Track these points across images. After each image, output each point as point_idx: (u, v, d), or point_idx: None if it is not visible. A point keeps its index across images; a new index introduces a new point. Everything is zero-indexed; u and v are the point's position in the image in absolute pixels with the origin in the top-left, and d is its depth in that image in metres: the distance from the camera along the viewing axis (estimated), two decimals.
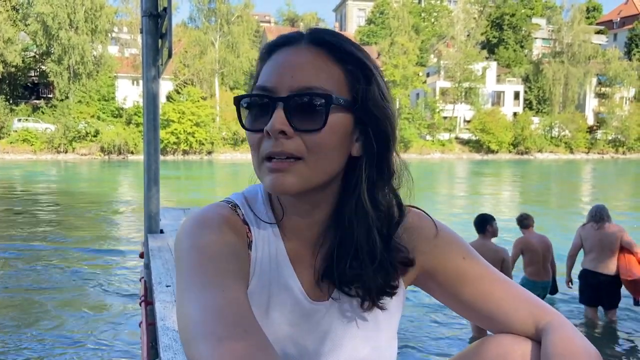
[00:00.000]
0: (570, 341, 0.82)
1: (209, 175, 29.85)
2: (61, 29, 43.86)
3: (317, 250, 0.86)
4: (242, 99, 0.80)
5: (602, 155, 55.49)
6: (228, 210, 0.85)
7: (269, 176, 0.77)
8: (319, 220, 0.85)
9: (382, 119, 0.81)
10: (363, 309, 0.86)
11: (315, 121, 0.76)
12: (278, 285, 0.85)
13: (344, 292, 0.85)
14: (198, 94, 45.35)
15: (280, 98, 0.76)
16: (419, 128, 52.20)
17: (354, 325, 0.87)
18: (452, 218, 13.74)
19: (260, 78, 0.80)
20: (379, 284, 0.84)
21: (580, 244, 5.72)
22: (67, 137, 41.66)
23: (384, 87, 0.83)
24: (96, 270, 8.11)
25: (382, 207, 0.83)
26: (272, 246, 0.85)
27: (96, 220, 13.35)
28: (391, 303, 0.89)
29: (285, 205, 0.85)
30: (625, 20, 70.52)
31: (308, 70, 0.78)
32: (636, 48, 63.93)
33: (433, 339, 5.39)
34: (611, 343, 5.40)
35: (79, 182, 24.91)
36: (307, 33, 0.82)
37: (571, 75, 57.67)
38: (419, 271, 0.91)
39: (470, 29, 59.93)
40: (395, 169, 0.84)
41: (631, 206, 16.69)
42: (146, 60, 2.68)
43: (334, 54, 0.79)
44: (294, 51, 0.80)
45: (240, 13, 51.31)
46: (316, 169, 0.78)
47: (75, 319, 5.93)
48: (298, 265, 0.86)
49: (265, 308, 0.84)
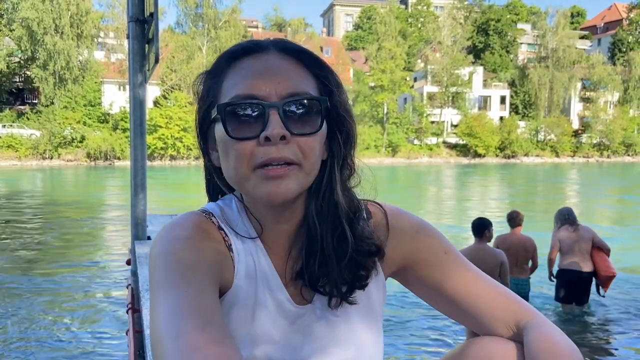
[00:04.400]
0: (552, 339, 0.82)
1: (196, 181, 29.62)
2: (46, 34, 43.49)
3: (291, 254, 0.87)
4: (228, 107, 0.77)
5: (587, 158, 56.17)
6: (201, 217, 0.85)
7: (265, 185, 0.76)
8: (293, 224, 0.85)
9: (350, 121, 0.84)
10: (331, 306, 0.85)
11: (312, 124, 0.78)
12: (263, 289, 0.85)
13: (319, 292, 0.85)
14: (185, 99, 45.16)
15: (275, 104, 0.76)
16: (406, 132, 52.45)
17: (337, 326, 0.87)
18: (441, 221, 13.80)
19: (237, 85, 0.79)
20: (347, 279, 0.84)
21: (559, 246, 5.97)
22: (52, 143, 41.24)
23: (345, 91, 0.86)
24: (82, 277, 8.02)
25: (344, 205, 0.84)
26: (253, 254, 0.85)
27: (82, 227, 13.20)
28: (371, 298, 0.89)
29: (265, 214, 0.84)
30: (608, 26, 71.61)
31: (292, 76, 0.78)
32: (620, 53, 64.92)
33: (424, 335, 5.40)
34: (587, 335, 5.69)
35: (65, 189, 24.64)
36: (273, 41, 0.83)
37: (556, 79, 58.40)
38: (400, 264, 0.91)
39: (456, 34, 60.46)
40: (354, 167, 0.87)
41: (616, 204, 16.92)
42: (132, 65, 2.66)
43: (304, 61, 0.81)
44: (265, 58, 0.80)
45: (228, 18, 51.27)
46: (309, 173, 0.79)
47: (60, 326, 5.86)
48: (280, 270, 0.86)
49: (251, 311, 0.84)
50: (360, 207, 0.88)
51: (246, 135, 0.77)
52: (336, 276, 0.83)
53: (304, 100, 0.78)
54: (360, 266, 0.85)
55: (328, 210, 0.83)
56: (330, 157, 0.84)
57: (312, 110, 0.78)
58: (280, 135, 0.75)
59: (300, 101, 0.77)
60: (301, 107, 0.77)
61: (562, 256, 6.00)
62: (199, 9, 50.90)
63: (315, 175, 0.82)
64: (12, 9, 45.37)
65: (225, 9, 51.96)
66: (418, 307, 6.05)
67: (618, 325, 5.89)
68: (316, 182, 0.83)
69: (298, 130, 0.77)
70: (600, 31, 72.99)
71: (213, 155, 0.85)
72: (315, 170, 0.81)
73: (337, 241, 0.84)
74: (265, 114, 0.76)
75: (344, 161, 0.85)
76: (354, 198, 0.87)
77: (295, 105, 0.77)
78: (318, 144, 0.80)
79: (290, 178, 0.77)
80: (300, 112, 0.77)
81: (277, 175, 0.76)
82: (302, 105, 0.77)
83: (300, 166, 0.77)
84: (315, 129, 0.78)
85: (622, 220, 14.88)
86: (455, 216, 15.67)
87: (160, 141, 42.60)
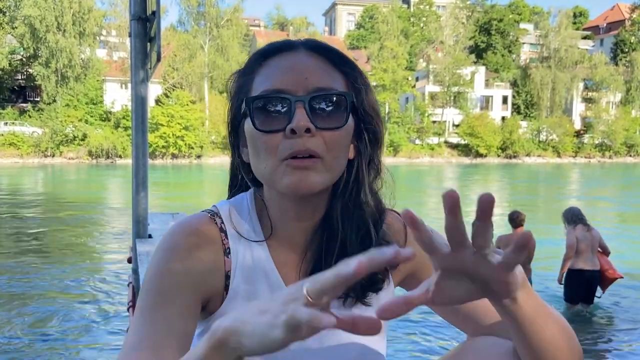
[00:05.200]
0: (541, 307, 0.75)
1: (198, 179, 29.71)
2: (49, 31, 43.53)
3: (306, 253, 0.87)
4: (255, 100, 0.80)
5: (589, 159, 56.09)
6: (203, 220, 0.86)
7: (292, 176, 0.78)
8: (313, 223, 0.86)
9: (377, 120, 0.86)
10: (346, 306, 0.85)
11: (337, 119, 0.80)
12: (263, 288, 0.85)
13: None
14: (187, 97, 45.21)
15: (301, 97, 0.78)
16: (408, 132, 52.42)
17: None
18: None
19: (266, 81, 0.81)
20: (363, 280, 0.83)
21: (576, 246, 5.97)
22: (54, 140, 41.30)
23: (373, 91, 0.88)
24: (83, 275, 8.03)
25: (369, 206, 0.85)
26: (255, 251, 0.86)
27: (83, 225, 13.21)
28: (381, 301, 0.88)
29: (287, 210, 0.85)
30: (611, 26, 71.47)
31: (320, 73, 0.81)
32: (622, 53, 64.79)
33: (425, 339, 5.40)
34: (595, 331, 5.77)
35: (66, 186, 24.68)
36: (303, 41, 0.86)
37: (558, 80, 58.31)
38: (407, 272, 0.92)
39: (458, 34, 60.40)
40: (380, 169, 0.88)
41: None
42: (134, 63, 2.66)
43: (333, 59, 0.84)
44: (295, 56, 0.82)
45: (230, 17, 51.25)
46: (332, 167, 0.80)
47: (62, 323, 5.86)
48: (284, 268, 0.87)
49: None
50: (385, 209, 0.89)
51: (273, 128, 0.79)
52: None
53: (330, 95, 0.79)
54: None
55: (354, 209, 0.84)
56: (358, 156, 0.85)
57: (338, 106, 0.80)
58: (305, 127, 0.76)
59: (326, 96, 0.79)
60: (327, 102, 0.79)
61: (577, 256, 5.98)
62: (201, 8, 50.92)
63: (340, 172, 0.83)
64: (15, 6, 45.46)
65: (227, 7, 52.04)
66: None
67: (625, 322, 5.97)
68: (343, 181, 0.84)
69: (323, 124, 0.78)
70: (602, 31, 72.85)
71: (244, 152, 0.87)
72: (339, 166, 0.82)
73: (361, 241, 0.84)
74: (292, 107, 0.77)
75: (371, 161, 0.86)
76: (380, 200, 0.88)
77: (321, 100, 0.79)
78: (343, 139, 0.81)
79: (315, 171, 0.78)
80: (326, 106, 0.79)
81: (302, 166, 0.78)
82: (328, 100, 0.79)
83: (323, 160, 0.79)
84: (340, 124, 0.80)
85: (623, 220, 14.87)
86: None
87: (162, 139, 42.64)
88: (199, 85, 49.35)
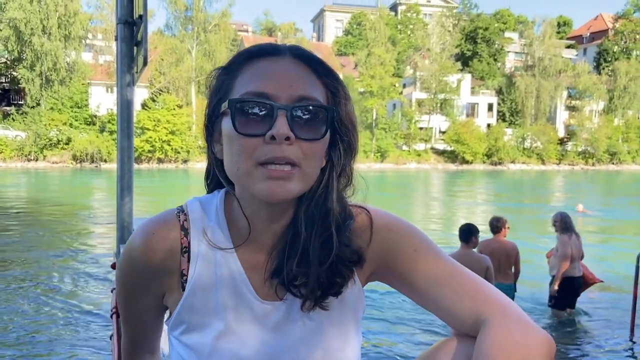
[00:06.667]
0: (506, 338, 0.78)
1: (184, 184, 29.52)
2: (34, 34, 43.10)
3: (272, 253, 0.89)
4: (239, 102, 0.80)
5: (573, 166, 56.83)
6: (166, 220, 0.89)
7: (267, 183, 0.79)
8: (282, 225, 0.87)
9: (352, 132, 0.87)
10: (304, 309, 0.87)
11: (316, 131, 0.81)
12: (225, 284, 0.87)
13: (292, 293, 0.87)
14: (174, 102, 44.99)
15: (284, 106, 0.79)
16: (395, 138, 52.69)
17: (304, 327, 0.88)
18: (428, 226, 13.86)
19: (250, 84, 0.82)
20: (323, 284, 0.85)
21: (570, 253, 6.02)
22: (38, 144, 40.82)
23: (352, 102, 0.89)
24: (66, 281, 7.92)
25: (336, 212, 0.86)
26: (217, 254, 0.88)
27: (67, 230, 13.05)
28: (345, 306, 0.90)
29: (257, 212, 0.86)
30: (594, 36, 72.64)
31: (304, 81, 0.82)
32: (605, 62, 65.87)
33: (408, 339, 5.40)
34: (579, 335, 5.92)
35: (50, 191, 24.36)
36: (290, 47, 0.86)
37: (542, 88, 59.08)
38: (375, 265, 0.92)
39: (445, 42, 60.96)
40: (352, 177, 0.89)
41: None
42: (120, 67, 2.63)
43: (316, 69, 0.84)
44: (281, 61, 0.83)
45: (218, 22, 51.19)
46: (308, 176, 0.82)
47: (44, 330, 5.77)
48: (249, 267, 0.88)
49: (213, 307, 0.87)
50: (351, 215, 0.89)
51: (253, 132, 0.79)
52: (314, 279, 0.84)
53: (313, 107, 0.81)
54: (338, 274, 0.86)
55: (319, 215, 0.85)
56: (330, 164, 0.86)
57: (319, 118, 0.81)
58: (285, 135, 0.78)
59: (308, 107, 0.80)
60: (309, 113, 0.80)
61: (570, 264, 6.03)
62: (189, 12, 50.76)
63: (314, 180, 0.84)
64: (0, 9, 44.95)
65: (215, 12, 51.93)
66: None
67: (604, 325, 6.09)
68: (312, 187, 0.85)
69: (303, 134, 0.79)
70: (586, 41, 74.01)
71: (217, 148, 0.87)
72: (314, 175, 0.83)
73: (322, 246, 0.85)
74: (274, 114, 0.78)
75: (343, 170, 0.87)
76: (346, 206, 0.89)
77: (304, 110, 0.80)
78: (320, 150, 0.82)
79: (293, 181, 0.79)
80: (307, 117, 0.80)
81: (280, 177, 0.79)
82: (310, 111, 0.80)
83: (300, 169, 0.80)
84: (319, 136, 0.81)
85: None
86: (441, 222, 15.75)
87: (148, 144, 42.34)
88: (186, 90, 49.14)
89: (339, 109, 0.85)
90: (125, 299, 0.97)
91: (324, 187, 0.86)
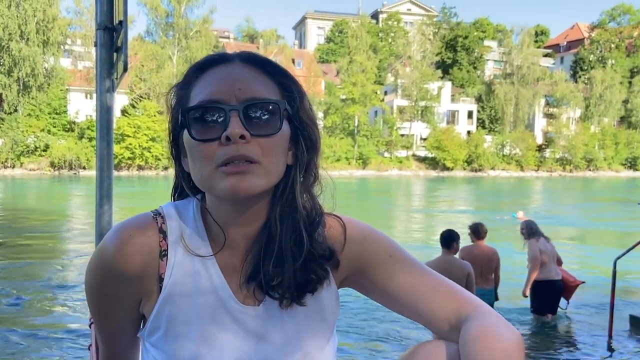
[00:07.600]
0: (488, 330, 0.83)
1: (164, 191, 29.23)
2: (11, 40, 42.46)
3: (247, 257, 0.89)
4: (191, 111, 0.83)
5: (551, 173, 57.77)
6: (143, 222, 0.88)
7: (228, 180, 0.80)
8: (255, 227, 0.88)
9: (312, 127, 0.89)
10: (282, 306, 0.88)
11: (271, 126, 0.83)
12: (205, 290, 0.87)
13: (270, 295, 0.88)
14: (154, 108, 44.63)
15: (235, 106, 0.81)
16: (377, 145, 52.98)
17: (283, 329, 0.89)
18: (409, 234, 13.92)
19: (202, 93, 0.84)
20: (299, 281, 0.87)
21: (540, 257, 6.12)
22: (14, 151, 40.13)
23: (309, 99, 0.91)
24: (43, 290, 7.77)
25: (305, 210, 0.88)
26: (194, 257, 0.88)
27: (44, 239, 12.81)
28: (322, 306, 0.92)
29: (227, 216, 0.87)
30: (571, 45, 74.17)
31: (252, 83, 0.84)
32: (581, 71, 67.27)
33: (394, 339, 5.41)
34: (559, 340, 5.94)
35: (26, 199, 23.91)
36: (238, 53, 0.89)
37: (521, 95, 60.06)
38: (348, 271, 0.93)
39: (425, 50, 61.64)
40: (317, 173, 0.91)
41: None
42: (100, 73, 2.60)
43: (267, 70, 0.87)
44: (229, 67, 0.86)
45: (199, 28, 51.03)
46: (270, 171, 0.83)
47: (20, 340, 5.65)
48: (228, 272, 0.89)
49: (192, 312, 0.87)
50: (322, 214, 0.91)
51: (209, 137, 0.81)
52: (289, 277, 0.86)
53: (263, 104, 0.82)
54: (313, 270, 0.88)
55: (289, 212, 0.87)
56: (295, 162, 0.88)
57: (272, 113, 0.83)
58: (239, 134, 0.79)
59: (259, 104, 0.82)
60: (261, 110, 0.82)
61: (542, 267, 6.11)
62: (170, 18, 50.56)
63: (279, 177, 0.85)
64: None
65: (196, 19, 51.80)
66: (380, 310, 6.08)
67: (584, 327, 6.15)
68: (281, 186, 0.87)
69: (258, 131, 0.81)
70: (563, 50, 75.52)
71: (184, 162, 0.89)
72: (278, 171, 0.85)
73: (294, 243, 0.87)
74: (227, 116, 0.81)
75: (307, 167, 0.89)
76: (316, 204, 0.90)
77: (255, 108, 0.82)
78: (278, 145, 0.84)
79: (252, 174, 0.81)
80: (261, 114, 0.82)
81: (238, 172, 0.80)
82: (262, 107, 0.82)
83: (260, 164, 0.81)
84: (274, 131, 0.83)
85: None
86: (422, 228, 15.84)
87: (128, 151, 41.90)
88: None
89: (294, 105, 0.86)
90: (100, 307, 0.94)
91: (291, 184, 0.87)
